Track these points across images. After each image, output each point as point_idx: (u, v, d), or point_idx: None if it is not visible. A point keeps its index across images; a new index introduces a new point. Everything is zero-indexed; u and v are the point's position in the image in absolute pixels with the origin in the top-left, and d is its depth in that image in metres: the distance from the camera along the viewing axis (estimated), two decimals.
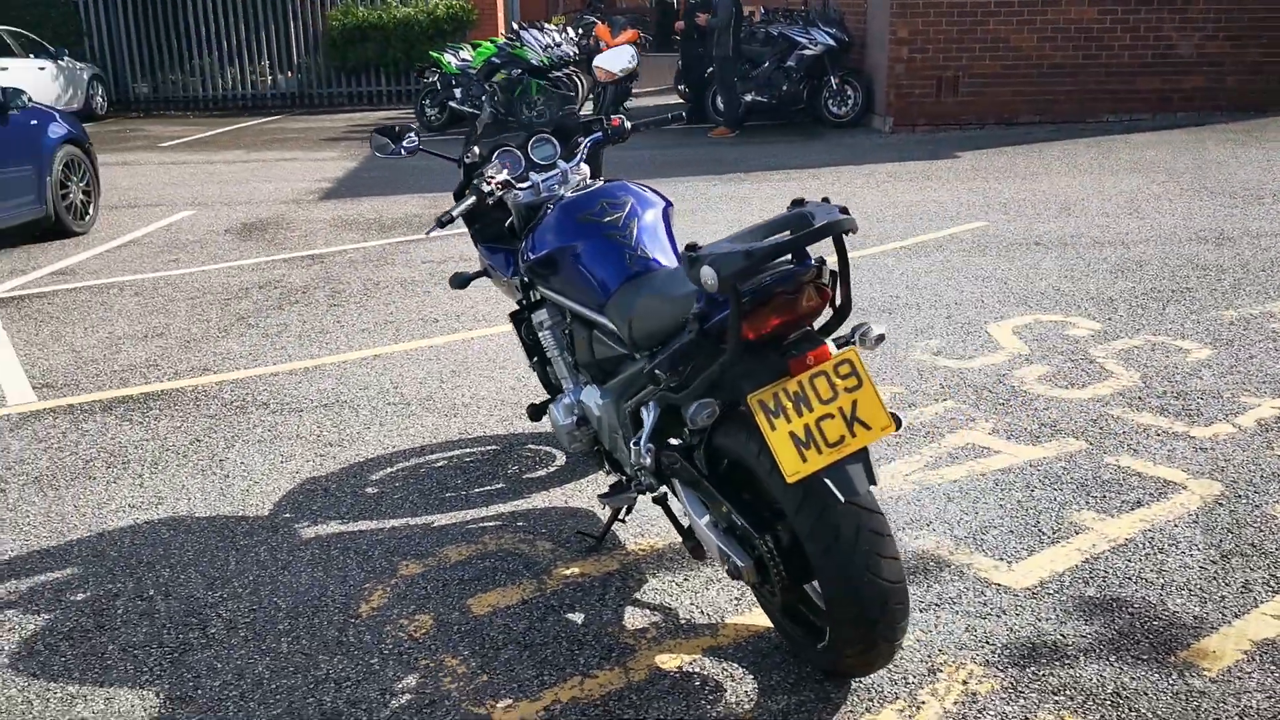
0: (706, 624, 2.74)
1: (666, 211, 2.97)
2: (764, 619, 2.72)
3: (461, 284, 3.41)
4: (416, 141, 3.32)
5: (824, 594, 2.26)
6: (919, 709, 2.38)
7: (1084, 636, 2.62)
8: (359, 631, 2.79)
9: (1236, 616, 2.68)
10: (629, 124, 3.35)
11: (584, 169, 3.24)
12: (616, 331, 2.70)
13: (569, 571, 3.04)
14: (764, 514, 2.41)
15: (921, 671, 2.51)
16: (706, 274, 2.16)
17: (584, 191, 3.02)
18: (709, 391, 2.34)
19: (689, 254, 2.23)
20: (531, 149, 3.29)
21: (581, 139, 3.32)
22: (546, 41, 13.25)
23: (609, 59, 3.82)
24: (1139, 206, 7.60)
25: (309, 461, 3.87)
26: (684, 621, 2.76)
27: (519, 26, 13.83)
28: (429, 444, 3.98)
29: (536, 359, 3.43)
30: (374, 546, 3.24)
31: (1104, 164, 9.43)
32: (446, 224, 2.98)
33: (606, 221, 2.87)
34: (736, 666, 2.56)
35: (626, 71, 3.82)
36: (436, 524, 3.36)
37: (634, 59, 3.85)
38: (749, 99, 12.40)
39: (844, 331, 2.39)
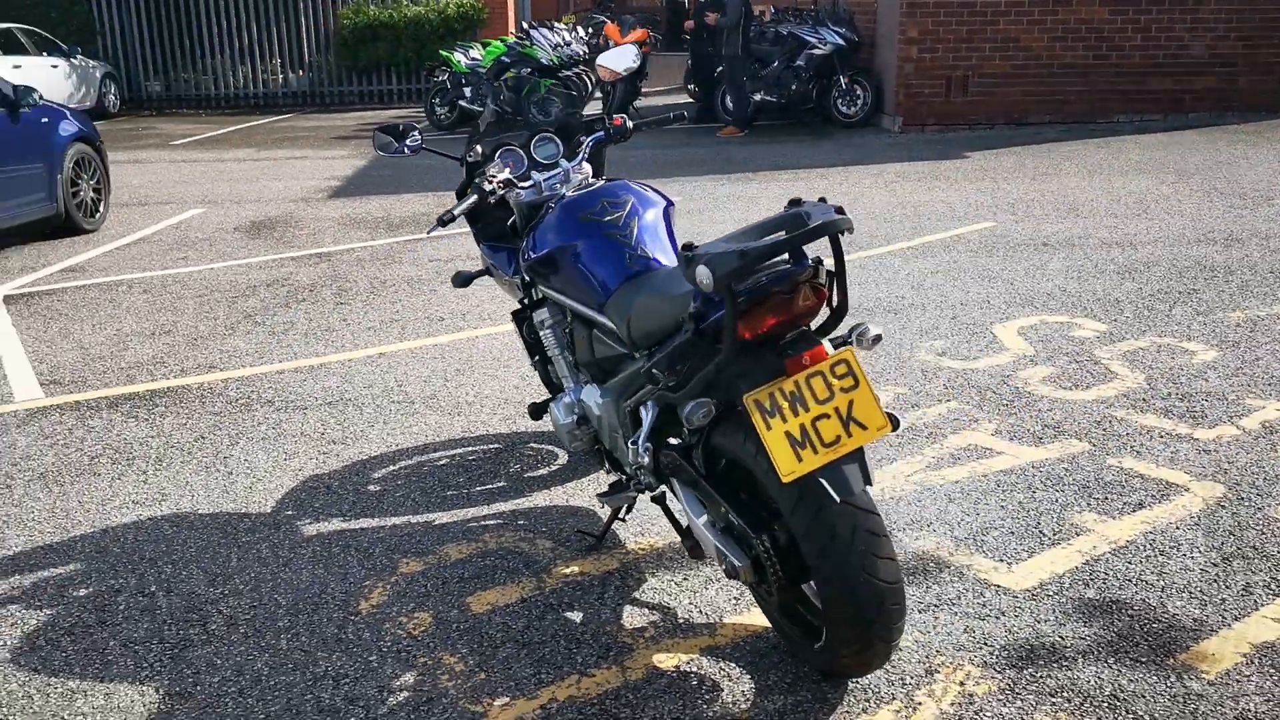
0: (705, 623, 2.74)
1: (667, 211, 2.97)
2: (762, 619, 2.72)
3: (463, 283, 3.42)
4: (419, 140, 3.34)
5: (820, 594, 2.26)
6: (915, 709, 2.38)
7: (1083, 638, 2.61)
8: (358, 629, 2.80)
9: (1236, 619, 2.67)
10: (631, 123, 3.36)
11: (586, 168, 3.25)
12: (616, 330, 2.70)
13: (568, 570, 3.04)
14: (761, 514, 2.41)
15: (919, 672, 2.51)
16: (701, 273, 2.16)
17: (585, 190, 3.02)
18: (706, 391, 2.34)
19: (685, 254, 2.23)
20: (534, 148, 3.30)
21: (584, 138, 3.33)
22: (556, 41, 13.26)
23: (612, 58, 3.83)
24: (1148, 207, 7.57)
25: (312, 459, 3.88)
26: (682, 621, 2.76)
27: (529, 26, 13.85)
28: (432, 442, 3.99)
29: (538, 358, 3.44)
30: (375, 544, 3.25)
31: (1114, 165, 9.39)
32: (448, 223, 2.99)
33: (607, 221, 2.87)
34: (734, 666, 2.56)
35: (630, 70, 3.83)
36: (438, 522, 3.37)
37: (637, 58, 3.86)
38: (758, 98, 12.38)
39: (841, 331, 2.39)
